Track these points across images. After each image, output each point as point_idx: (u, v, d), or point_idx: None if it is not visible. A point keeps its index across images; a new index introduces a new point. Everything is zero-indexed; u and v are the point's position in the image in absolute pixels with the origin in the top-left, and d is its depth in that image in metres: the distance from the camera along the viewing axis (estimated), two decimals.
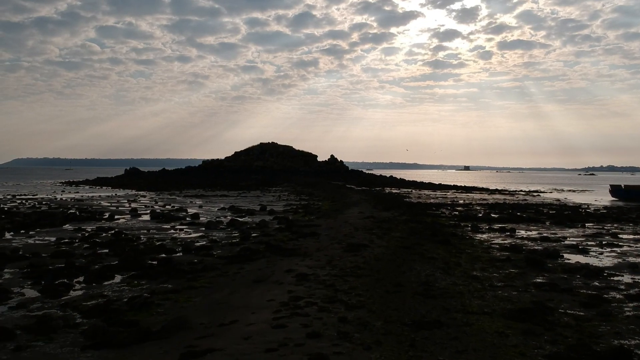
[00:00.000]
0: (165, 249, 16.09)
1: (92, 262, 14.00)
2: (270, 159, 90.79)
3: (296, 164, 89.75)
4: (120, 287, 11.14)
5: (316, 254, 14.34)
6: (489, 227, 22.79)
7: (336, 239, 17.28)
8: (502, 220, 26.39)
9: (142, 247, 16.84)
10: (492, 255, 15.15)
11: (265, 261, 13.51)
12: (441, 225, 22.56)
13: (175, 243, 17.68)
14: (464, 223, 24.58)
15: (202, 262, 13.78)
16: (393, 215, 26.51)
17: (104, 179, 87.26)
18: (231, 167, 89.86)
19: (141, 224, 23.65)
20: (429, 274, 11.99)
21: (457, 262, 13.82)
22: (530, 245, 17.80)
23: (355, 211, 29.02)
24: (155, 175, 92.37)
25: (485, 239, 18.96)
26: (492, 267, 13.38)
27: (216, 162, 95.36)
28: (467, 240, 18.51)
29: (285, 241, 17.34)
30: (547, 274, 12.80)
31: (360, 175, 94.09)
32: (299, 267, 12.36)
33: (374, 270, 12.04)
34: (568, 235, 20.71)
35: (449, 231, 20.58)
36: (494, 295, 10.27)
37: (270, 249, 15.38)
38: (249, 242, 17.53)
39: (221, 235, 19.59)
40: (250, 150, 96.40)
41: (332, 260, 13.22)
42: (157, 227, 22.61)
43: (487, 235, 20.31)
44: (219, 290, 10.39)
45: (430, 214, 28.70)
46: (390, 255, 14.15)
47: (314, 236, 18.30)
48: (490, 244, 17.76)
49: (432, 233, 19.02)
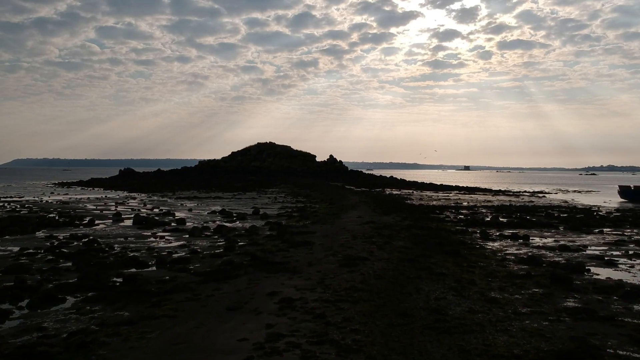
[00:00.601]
0: (137, 262, 14.15)
1: (47, 280, 12.07)
2: (267, 159, 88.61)
3: (294, 164, 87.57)
4: (66, 315, 9.20)
5: (307, 269, 12.41)
6: (499, 234, 20.85)
7: (331, 250, 15.35)
8: (512, 225, 24.44)
9: (111, 259, 14.90)
10: (509, 270, 13.21)
11: (247, 279, 11.57)
12: (447, 232, 20.62)
13: (150, 254, 15.74)
14: (471, 229, 22.65)
15: (174, 280, 11.85)
16: (394, 220, 24.57)
17: (98, 180, 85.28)
18: (228, 168, 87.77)
19: (120, 231, 21.71)
20: (439, 296, 10.07)
21: (471, 279, 11.88)
22: (549, 255, 15.86)
23: (354, 215, 27.09)
24: (150, 176, 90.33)
25: (497, 248, 17.02)
26: (512, 285, 11.45)
27: (212, 162, 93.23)
28: (477, 250, 16.57)
29: (274, 252, 15.41)
30: (577, 294, 10.86)
31: (360, 176, 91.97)
32: (284, 288, 10.43)
33: (374, 292, 10.11)
34: (588, 243, 18.77)
35: (457, 239, 18.64)
36: (521, 327, 8.34)
37: (255, 262, 13.44)
38: (233, 253, 15.58)
39: (204, 245, 17.64)
40: (247, 151, 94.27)
41: (324, 279, 11.29)
42: (137, 234, 20.67)
43: (499, 243, 18.37)
44: (183, 321, 8.45)
45: (434, 218, 26.76)
46: (392, 271, 12.22)
47: (307, 246, 16.37)
48: (505, 254, 15.82)
49: (438, 242, 17.09)
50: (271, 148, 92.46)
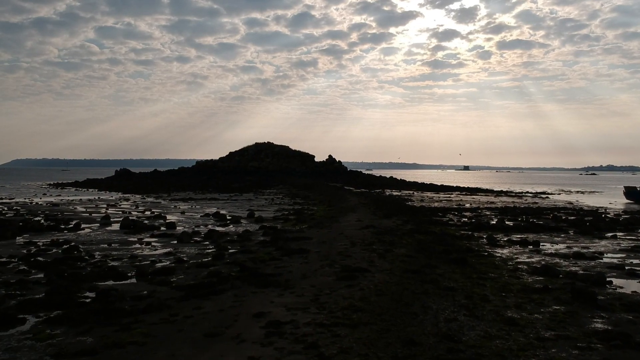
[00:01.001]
0: (116, 273, 12.91)
1: (12, 296, 10.83)
2: (265, 159, 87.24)
3: (293, 164, 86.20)
4: (20, 342, 7.97)
5: (301, 283, 11.19)
6: (507, 239, 19.63)
7: (328, 259, 14.13)
8: (520, 229, 23.23)
9: (88, 269, 13.67)
10: (523, 282, 11.99)
11: (233, 295, 10.35)
12: (452, 237, 19.40)
13: (132, 264, 14.51)
14: (477, 233, 21.44)
15: (152, 296, 10.62)
16: (395, 224, 23.35)
17: (93, 181, 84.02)
18: (225, 168, 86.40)
19: (105, 236, 20.48)
20: (449, 317, 8.85)
21: (483, 294, 10.67)
22: (563, 264, 14.64)
23: (353, 218, 25.87)
24: (146, 176, 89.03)
25: (507, 256, 15.81)
26: (530, 301, 10.23)
27: (210, 162, 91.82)
28: (486, 258, 15.35)
29: (266, 261, 14.19)
30: (604, 313, 9.64)
31: (360, 176, 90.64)
32: (274, 307, 9.21)
33: (376, 312, 8.89)
34: (603, 250, 17.56)
35: (463, 245, 17.43)
36: (547, 357, 7.13)
37: (244, 274, 12.22)
38: (221, 262, 14.35)
39: (191, 252, 16.41)
40: (245, 151, 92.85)
41: (319, 295, 10.07)
42: (122, 239, 19.43)
43: (509, 250, 17.14)
44: (152, 350, 7.23)
45: (437, 222, 25.54)
46: (395, 286, 11.00)
47: (302, 254, 15.15)
48: (516, 263, 14.60)
49: (444, 249, 15.87)
50: (269, 148, 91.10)
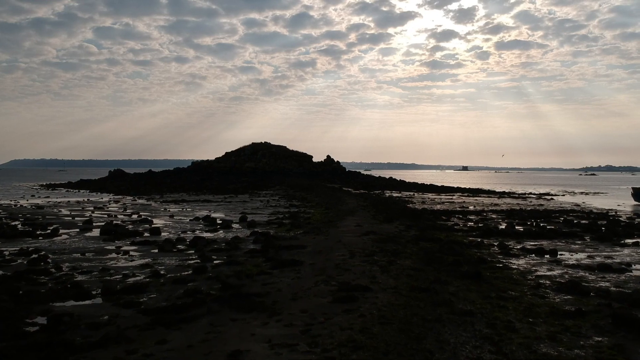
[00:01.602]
0: (79, 291, 11.18)
1: None
2: (262, 159, 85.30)
3: (290, 165, 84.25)
4: None
5: (290, 306, 9.46)
6: (521, 247, 17.94)
7: (324, 273, 12.41)
8: (532, 235, 21.52)
9: (49, 285, 11.96)
10: (550, 302, 10.29)
11: (208, 323, 8.63)
12: (461, 245, 17.69)
13: (101, 278, 12.78)
14: (487, 240, 19.74)
15: (112, 322, 8.90)
16: (398, 230, 21.64)
17: (86, 182, 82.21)
18: (221, 169, 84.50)
19: (81, 244, 18.74)
20: (471, 355, 7.15)
21: (507, 320, 8.97)
22: (590, 279, 12.95)
23: (352, 223, 24.15)
24: (140, 177, 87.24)
25: (525, 268, 14.10)
26: (564, 330, 8.53)
27: (205, 163, 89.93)
28: (502, 270, 13.65)
29: (253, 275, 12.47)
30: None
31: (358, 177, 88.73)
32: (254, 342, 7.49)
33: (380, 350, 7.17)
34: (629, 260, 15.86)
35: (474, 255, 15.73)
36: None
37: (225, 293, 10.50)
38: (202, 277, 12.62)
39: (171, 264, 14.68)
40: (242, 151, 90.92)
41: (312, 324, 8.36)
42: (99, 248, 17.70)
43: (525, 261, 15.44)
44: None
45: (442, 227, 23.82)
46: (402, 309, 9.28)
47: (295, 266, 13.44)
48: (536, 277, 12.90)
49: (454, 260, 14.16)
50: (266, 148, 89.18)
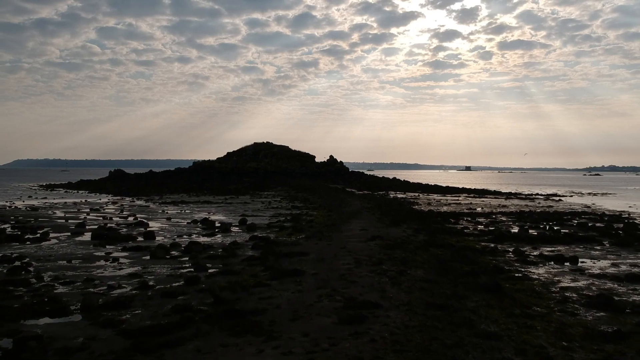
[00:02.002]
0: (56, 307, 10.06)
1: None
2: (264, 160, 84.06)
3: (292, 165, 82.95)
4: None
5: (290, 328, 8.32)
6: (538, 253, 16.78)
7: (327, 286, 11.26)
8: (547, 239, 20.32)
9: (26, 299, 10.85)
10: (584, 322, 9.13)
11: (195, 349, 7.49)
12: (474, 252, 16.52)
13: (84, 290, 11.66)
14: (500, 245, 18.58)
15: (85, 348, 7.78)
16: (406, 234, 20.49)
17: (86, 182, 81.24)
18: (222, 169, 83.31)
19: (69, 249, 17.63)
20: None
21: (538, 344, 7.82)
22: (620, 290, 11.77)
23: (357, 227, 23.00)
24: (140, 177, 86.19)
25: (547, 278, 12.93)
26: (607, 359, 7.38)
27: (207, 163, 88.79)
28: (522, 281, 12.49)
29: (249, 287, 11.34)
30: None
31: (362, 178, 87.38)
32: None
33: None
34: None
35: (489, 263, 14.58)
36: None
37: (216, 311, 9.36)
38: (194, 289, 11.49)
39: (162, 273, 13.55)
40: (243, 151, 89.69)
41: (315, 352, 7.22)
42: (87, 254, 16.59)
43: (545, 270, 14.25)
44: None
45: (451, 230, 22.63)
46: (418, 332, 8.13)
47: (296, 277, 12.29)
48: (562, 289, 11.73)
49: (469, 270, 13.00)
50: (268, 148, 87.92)
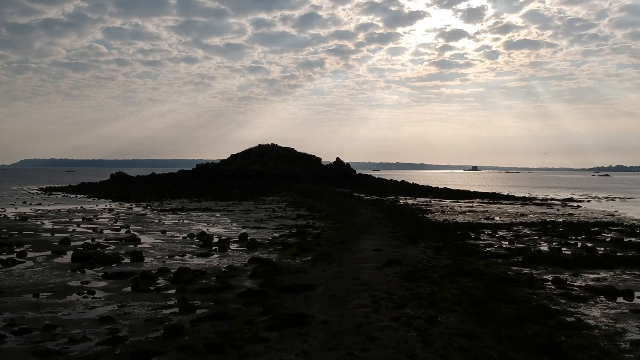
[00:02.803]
0: None
1: None
2: (269, 162, 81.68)
3: (298, 168, 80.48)
4: None
5: None
6: (583, 285, 14.41)
7: (341, 346, 8.95)
8: (584, 262, 17.87)
9: None
10: None
11: None
12: (509, 282, 14.16)
13: (38, 344, 9.41)
14: (535, 271, 16.22)
15: None
16: (426, 256, 18.16)
17: (86, 185, 79.33)
18: (226, 172, 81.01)
19: (42, 276, 15.40)
20: None
21: None
22: None
23: (369, 245, 20.69)
24: (142, 180, 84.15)
25: (607, 325, 10.57)
26: None
27: (210, 165, 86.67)
28: (578, 330, 10.14)
29: (242, 345, 9.05)
30: None
31: (369, 181, 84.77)
32: None
33: None
34: None
35: (531, 299, 12.27)
36: None
37: None
38: (172, 345, 9.19)
39: (140, 316, 11.27)
40: (248, 153, 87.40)
41: None
42: (60, 283, 14.37)
43: (599, 310, 11.87)
44: None
45: (475, 250, 20.24)
46: None
47: (301, 327, 9.99)
48: (631, 343, 9.38)
49: (514, 316, 10.66)
50: (273, 150, 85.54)
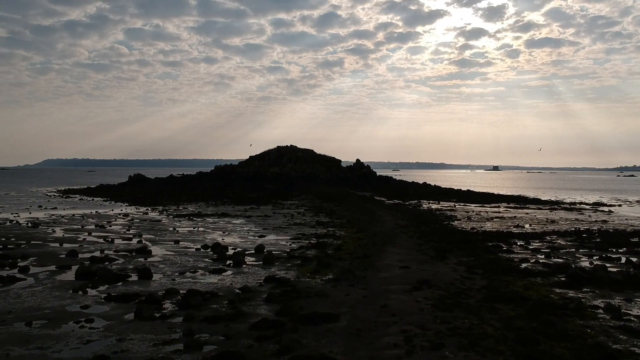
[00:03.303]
0: None
1: None
2: (287, 164, 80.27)
3: (317, 170, 78.75)
4: None
5: None
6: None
7: None
8: (634, 282, 16.13)
9: None
10: None
11: None
12: (555, 310, 12.53)
13: None
14: (581, 294, 14.52)
15: None
16: (458, 275, 16.56)
17: (104, 188, 79.03)
18: (244, 174, 79.92)
19: (41, 298, 14.16)
20: None
21: None
22: None
23: (395, 260, 19.16)
24: (160, 182, 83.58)
25: None
26: None
27: (228, 167, 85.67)
28: None
29: None
30: None
31: (390, 183, 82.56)
32: None
33: None
34: None
35: (587, 334, 10.63)
36: None
37: None
38: None
39: (139, 353, 9.90)
40: (266, 155, 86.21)
41: None
42: (58, 308, 13.13)
43: None
44: None
45: (509, 264, 18.58)
46: None
47: None
48: None
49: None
50: (292, 152, 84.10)
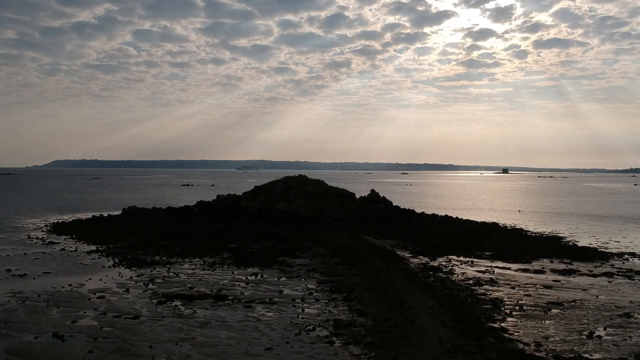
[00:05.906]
0: None
1: None
2: (296, 200, 72.84)
3: (329, 207, 71.09)
4: None
5: None
6: None
7: None
8: None
9: None
10: None
11: None
12: None
13: None
14: None
15: None
16: None
17: (96, 222, 71.96)
18: (248, 209, 72.72)
19: None
20: None
21: None
22: None
23: None
24: (156, 215, 76.15)
25: None
26: None
27: (231, 199, 78.45)
28: None
29: None
30: None
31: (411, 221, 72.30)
32: None
33: None
34: None
35: None
36: None
37: None
38: None
39: None
40: (272, 187, 78.73)
41: None
42: None
43: None
44: None
45: None
46: None
47: None
48: None
49: None
50: (301, 185, 76.66)
